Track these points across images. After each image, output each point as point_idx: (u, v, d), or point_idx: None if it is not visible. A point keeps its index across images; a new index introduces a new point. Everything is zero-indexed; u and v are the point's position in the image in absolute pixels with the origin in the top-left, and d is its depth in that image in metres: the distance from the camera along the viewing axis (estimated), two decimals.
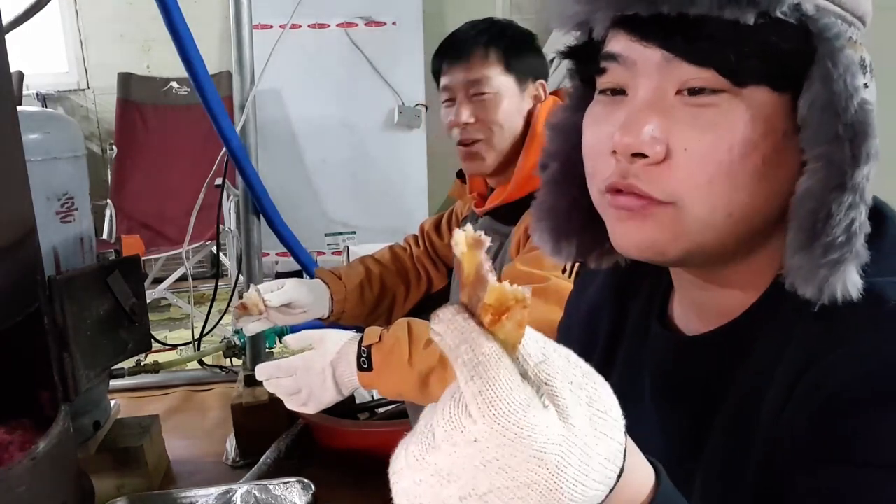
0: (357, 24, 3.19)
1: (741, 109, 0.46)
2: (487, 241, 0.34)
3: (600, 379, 0.36)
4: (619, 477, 0.34)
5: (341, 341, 1.02)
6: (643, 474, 0.38)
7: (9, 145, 1.03)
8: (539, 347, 0.34)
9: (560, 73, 3.25)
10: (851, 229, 0.44)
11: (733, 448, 0.51)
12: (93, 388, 1.40)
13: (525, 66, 1.19)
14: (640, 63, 0.48)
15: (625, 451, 0.35)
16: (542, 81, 1.21)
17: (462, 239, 0.34)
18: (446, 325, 0.34)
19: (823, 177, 0.45)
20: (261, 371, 1.02)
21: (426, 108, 3.19)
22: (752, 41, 0.45)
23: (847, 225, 0.44)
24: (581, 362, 0.36)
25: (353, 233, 3.30)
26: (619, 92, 0.50)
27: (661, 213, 0.48)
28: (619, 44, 0.49)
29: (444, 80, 1.20)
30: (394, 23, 3.20)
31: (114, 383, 1.82)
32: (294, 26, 2.87)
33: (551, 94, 1.25)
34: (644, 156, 0.47)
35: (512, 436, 0.31)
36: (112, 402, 1.61)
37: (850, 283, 0.44)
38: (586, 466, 0.33)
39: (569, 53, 0.57)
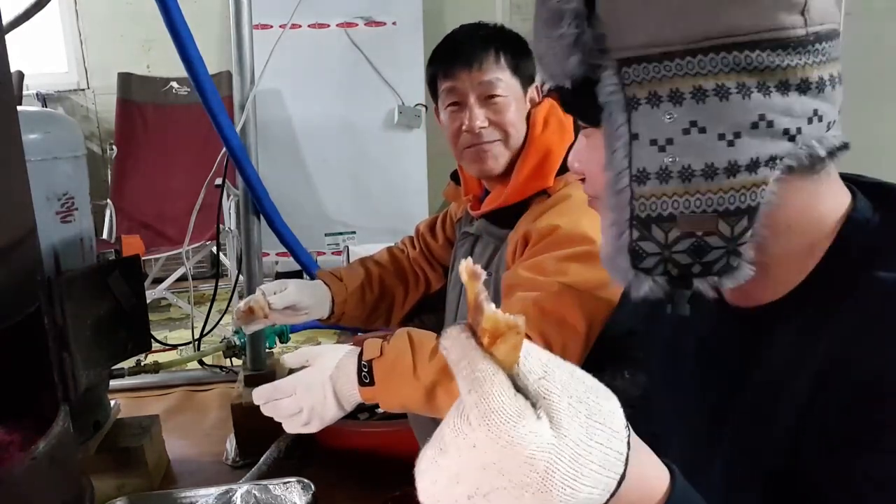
0: (357, 24, 3.19)
1: (595, 140, 0.58)
2: (483, 274, 0.39)
3: (605, 393, 0.40)
4: (619, 483, 0.38)
5: (339, 356, 0.99)
6: (654, 476, 0.42)
7: (9, 145, 1.03)
8: (542, 364, 0.38)
9: None
10: (616, 243, 0.56)
11: (758, 416, 0.56)
12: (93, 388, 1.40)
13: (525, 69, 1.19)
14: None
15: (626, 459, 0.39)
16: (538, 85, 1.21)
17: (463, 269, 0.39)
18: (452, 342, 0.38)
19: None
20: (258, 395, 0.98)
21: (426, 108, 3.18)
22: (579, 99, 0.57)
23: (611, 239, 0.57)
24: (587, 377, 0.40)
25: (353, 233, 3.29)
26: None
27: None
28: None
29: (448, 84, 1.18)
30: (394, 23, 3.20)
31: (114, 383, 1.82)
32: (294, 26, 2.87)
33: (546, 95, 1.25)
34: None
35: (504, 443, 0.36)
36: (112, 402, 1.61)
37: (636, 281, 0.56)
38: (576, 472, 0.37)
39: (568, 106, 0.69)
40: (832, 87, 0.52)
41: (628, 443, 0.39)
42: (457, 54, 1.18)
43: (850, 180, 0.59)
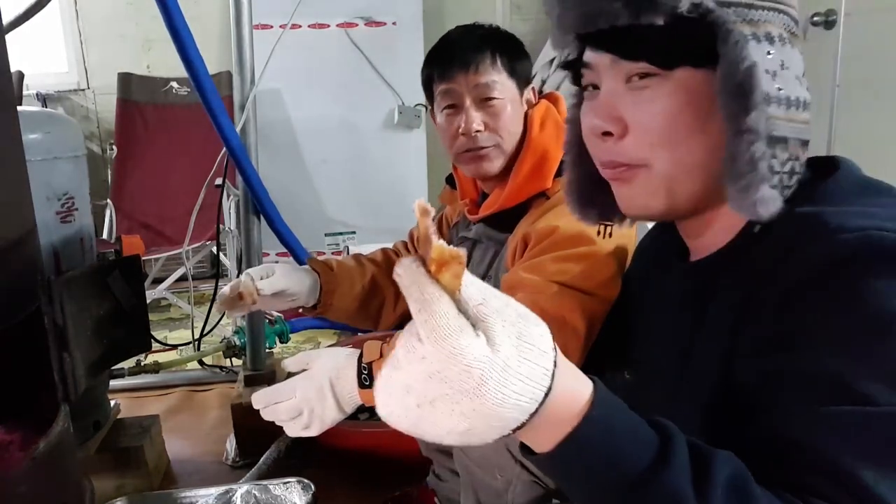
0: (357, 24, 3.19)
1: (669, 87, 0.62)
2: (432, 210, 0.44)
3: (535, 319, 0.46)
4: (546, 394, 0.45)
5: (338, 358, 0.99)
6: (580, 388, 0.48)
7: (9, 145, 1.03)
8: (480, 293, 0.44)
9: (559, 74, 3.26)
10: (753, 159, 0.58)
11: (710, 350, 0.65)
12: (93, 388, 1.40)
13: (522, 71, 1.19)
14: (598, 66, 0.66)
15: (552, 375, 0.45)
16: (533, 86, 1.22)
17: (416, 206, 0.44)
18: (404, 269, 0.43)
19: (728, 126, 0.59)
20: (257, 399, 0.96)
21: (426, 108, 3.18)
22: (669, 37, 0.60)
23: (749, 157, 0.58)
24: (519, 306, 0.45)
25: (353, 233, 3.29)
26: (596, 88, 0.68)
27: (637, 174, 0.66)
28: (587, 54, 0.68)
29: (444, 86, 1.17)
30: (394, 23, 3.20)
31: (114, 383, 1.82)
32: (294, 26, 2.87)
33: (544, 97, 1.24)
34: (610, 133, 0.65)
35: (447, 354, 0.42)
36: (112, 402, 1.61)
37: (765, 200, 0.59)
38: (506, 381, 0.43)
39: (564, 66, 0.74)
40: None
41: (555, 361, 0.45)
42: (453, 56, 1.17)
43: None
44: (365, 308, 1.38)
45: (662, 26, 0.59)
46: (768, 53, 0.59)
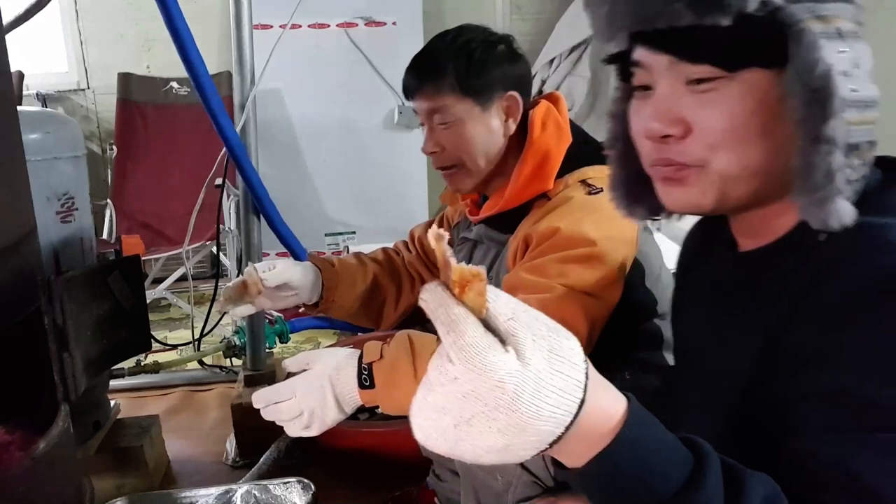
0: (357, 24, 3.19)
1: (735, 89, 0.58)
2: (446, 235, 0.44)
3: (566, 332, 0.46)
4: (580, 406, 0.44)
5: (338, 357, 0.99)
6: (613, 403, 0.48)
7: (9, 145, 1.03)
8: (510, 308, 0.44)
9: (559, 74, 3.26)
10: (831, 171, 0.55)
11: (743, 345, 0.63)
12: (93, 388, 1.40)
13: (485, 83, 1.15)
14: (654, 67, 0.62)
15: (584, 387, 0.44)
16: (512, 93, 1.16)
17: (431, 235, 0.44)
18: (430, 294, 0.44)
19: (803, 133, 0.56)
20: (258, 399, 0.97)
21: None
22: (732, 37, 0.56)
23: (826, 169, 0.55)
24: (549, 321, 0.46)
25: (353, 233, 3.29)
26: (646, 88, 0.64)
27: (691, 173, 0.62)
28: (638, 53, 0.64)
29: (413, 104, 1.21)
30: (394, 23, 3.20)
31: (114, 383, 1.82)
32: (294, 26, 2.87)
33: (544, 97, 1.23)
34: (670, 136, 0.62)
35: (479, 371, 0.42)
36: (112, 402, 1.61)
37: (840, 213, 0.55)
38: (540, 393, 0.43)
39: (609, 60, 0.70)
40: None
41: (587, 373, 0.45)
42: (409, 78, 1.19)
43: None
44: (366, 306, 1.38)
45: (726, 28, 0.55)
46: (840, 52, 0.56)
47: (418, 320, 1.44)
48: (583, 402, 0.44)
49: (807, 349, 0.55)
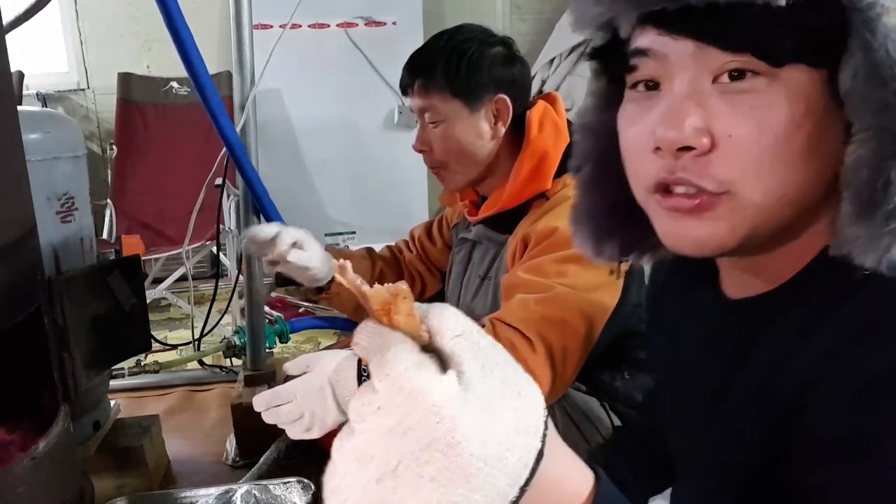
0: (357, 24, 3.19)
1: (780, 90, 0.46)
2: (348, 264, 0.38)
3: (530, 378, 0.37)
4: (538, 460, 0.34)
5: (338, 359, 0.99)
6: (580, 477, 0.39)
7: (9, 145, 1.03)
8: (458, 325, 0.36)
9: (559, 74, 3.26)
10: None
11: (748, 406, 0.52)
12: (93, 388, 1.40)
13: (474, 84, 1.13)
14: (672, 56, 0.48)
15: (543, 437, 0.35)
16: (502, 96, 1.14)
17: (334, 270, 0.38)
18: (361, 333, 0.36)
19: (876, 146, 0.44)
20: (259, 401, 0.97)
21: None
22: (787, 21, 0.44)
23: None
24: (513, 360, 0.37)
25: (353, 233, 3.29)
26: (652, 86, 0.50)
27: (716, 206, 0.48)
28: (646, 38, 0.49)
29: (409, 102, 1.21)
30: (394, 23, 3.20)
31: (114, 383, 1.82)
32: (294, 26, 2.87)
33: (541, 97, 1.23)
34: (690, 148, 0.47)
35: (407, 394, 0.32)
36: (112, 402, 1.61)
37: None
38: (486, 425, 0.33)
39: (594, 54, 0.57)
40: None
41: (546, 423, 0.36)
42: (404, 74, 1.19)
43: None
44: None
45: (781, 8, 0.43)
46: None
47: None
48: (541, 454, 0.35)
49: (833, 434, 0.44)
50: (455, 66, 1.13)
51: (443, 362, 0.34)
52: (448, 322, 0.36)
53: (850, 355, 0.44)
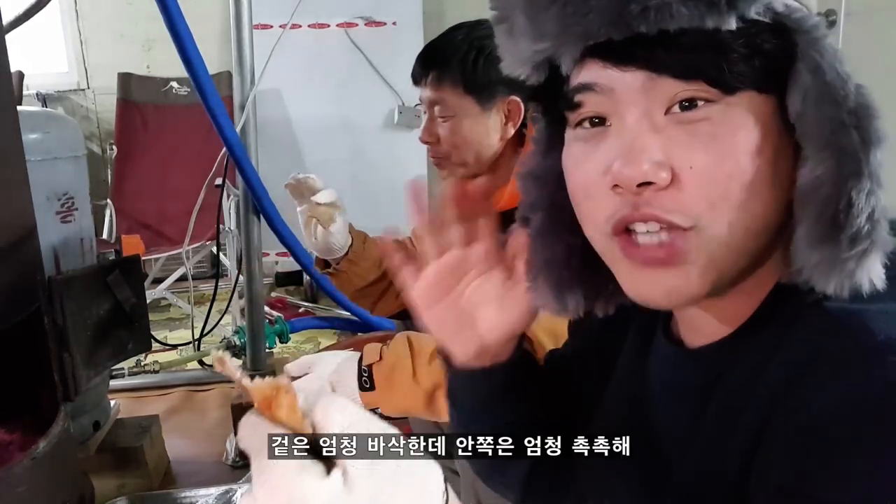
0: (357, 24, 3.19)
1: (736, 117, 0.44)
2: (227, 355, 0.38)
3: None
4: None
5: (338, 360, 0.99)
6: None
7: (9, 145, 1.03)
8: (345, 418, 0.34)
9: None
10: (874, 217, 0.42)
11: (711, 456, 0.49)
12: (93, 388, 1.40)
13: (489, 82, 1.12)
14: (619, 89, 0.45)
15: None
16: (514, 97, 1.13)
17: (213, 360, 0.38)
18: (243, 428, 0.34)
19: (835, 165, 0.43)
20: None
21: None
22: (736, 46, 0.43)
23: (869, 213, 0.42)
24: (399, 435, 0.35)
25: None
26: (598, 122, 0.47)
27: (687, 249, 0.45)
28: (591, 73, 0.46)
29: (420, 93, 1.20)
30: (394, 23, 3.20)
31: (114, 383, 1.82)
32: (294, 26, 2.87)
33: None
34: (650, 183, 0.44)
35: (286, 499, 0.32)
36: (112, 402, 1.61)
37: (875, 273, 0.42)
38: None
39: (532, 96, 0.53)
40: None
41: (446, 497, 0.34)
42: (417, 65, 1.18)
43: None
44: (375, 284, 1.40)
45: (730, 33, 0.42)
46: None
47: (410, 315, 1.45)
48: None
49: (786, 477, 0.42)
50: (472, 63, 1.12)
51: (335, 457, 0.33)
52: (333, 416, 0.34)
53: (792, 399, 0.43)
